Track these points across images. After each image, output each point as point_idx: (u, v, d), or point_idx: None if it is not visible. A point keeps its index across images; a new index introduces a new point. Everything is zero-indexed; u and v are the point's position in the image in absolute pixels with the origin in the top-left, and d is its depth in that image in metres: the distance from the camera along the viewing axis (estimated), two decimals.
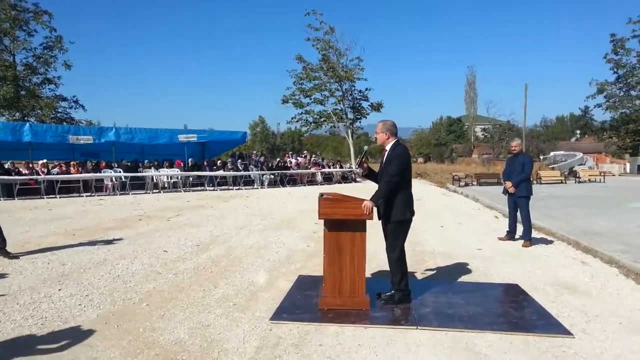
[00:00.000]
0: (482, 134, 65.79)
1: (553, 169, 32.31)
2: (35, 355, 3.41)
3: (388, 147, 4.52)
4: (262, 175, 22.59)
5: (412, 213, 4.48)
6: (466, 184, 22.89)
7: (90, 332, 3.86)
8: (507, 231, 8.11)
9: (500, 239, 8.12)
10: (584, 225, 9.19)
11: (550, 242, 7.99)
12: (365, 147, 5.05)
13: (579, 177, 26.97)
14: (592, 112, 68.78)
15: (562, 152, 43.54)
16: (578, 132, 74.66)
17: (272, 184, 22.66)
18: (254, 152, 32.19)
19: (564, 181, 25.84)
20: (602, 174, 27.96)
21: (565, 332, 3.83)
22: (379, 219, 4.57)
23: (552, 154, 43.79)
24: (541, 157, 44.35)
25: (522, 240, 7.72)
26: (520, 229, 7.97)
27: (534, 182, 24.98)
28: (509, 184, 7.84)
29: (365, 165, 4.67)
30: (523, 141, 39.77)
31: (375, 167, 4.86)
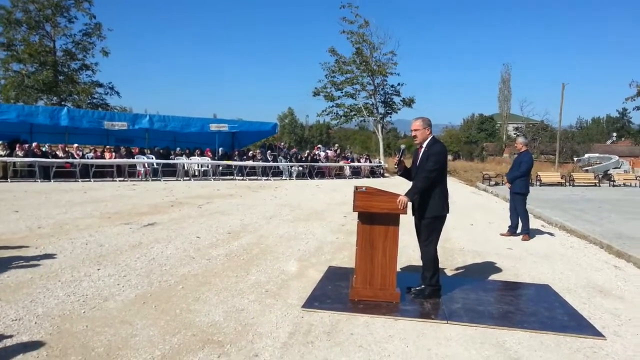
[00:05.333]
0: (515, 133, 64.67)
1: (587, 171, 31.62)
2: (78, 329, 3.59)
3: (425, 144, 4.56)
4: (291, 167, 22.76)
5: (448, 210, 4.52)
6: (496, 184, 22.60)
7: (129, 311, 4.03)
8: (509, 226, 8.42)
9: (502, 234, 8.37)
10: (617, 229, 9.03)
11: (582, 245, 7.89)
12: (403, 146, 5.09)
13: (614, 181, 26.36)
14: (630, 115, 66.94)
15: (596, 155, 42.57)
16: (614, 134, 72.67)
17: (300, 175, 22.82)
18: (282, 143, 32.37)
19: (597, 184, 25.30)
20: (637, 178, 27.25)
21: (597, 334, 3.82)
22: (413, 214, 4.62)
23: (586, 155, 42.86)
24: (575, 159, 43.40)
25: (522, 235, 8.12)
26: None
27: (567, 184, 24.54)
28: (506, 179, 8.48)
29: (403, 164, 4.72)
30: (558, 142, 39.11)
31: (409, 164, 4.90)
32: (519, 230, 8.27)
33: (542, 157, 46.54)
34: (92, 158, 18.21)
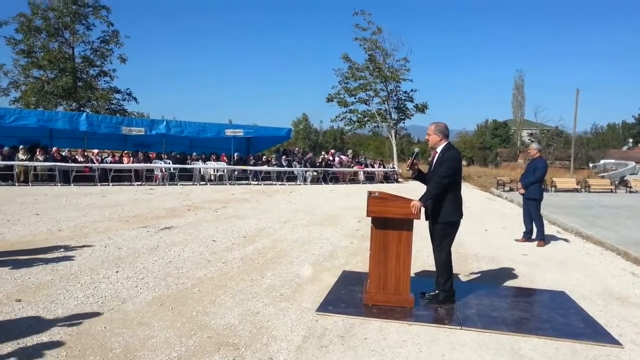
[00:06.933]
0: (529, 139, 64.06)
1: (603, 177, 31.17)
2: (97, 330, 3.64)
3: (439, 149, 4.56)
4: (305, 172, 22.80)
5: (461, 215, 4.50)
6: (511, 189, 22.38)
7: (147, 313, 4.07)
8: (524, 232, 8.36)
9: (517, 240, 8.31)
10: (634, 236, 8.88)
11: (599, 251, 7.79)
12: (416, 150, 5.10)
13: (630, 187, 25.93)
14: None
15: (612, 161, 41.91)
16: (631, 140, 71.52)
17: (315, 180, 22.84)
18: (296, 148, 32.44)
19: (614, 190, 24.92)
20: None
21: (614, 342, 3.77)
22: (426, 220, 4.62)
23: (602, 162, 42.25)
24: (590, 165, 42.85)
25: (537, 241, 8.03)
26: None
27: (583, 190, 24.22)
28: (520, 185, 8.35)
29: (416, 167, 4.71)
30: (572, 148, 38.66)
31: (424, 169, 4.91)
32: (533, 236, 8.19)
33: (557, 163, 45.98)
34: (110, 163, 18.43)
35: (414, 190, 6.45)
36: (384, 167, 27.90)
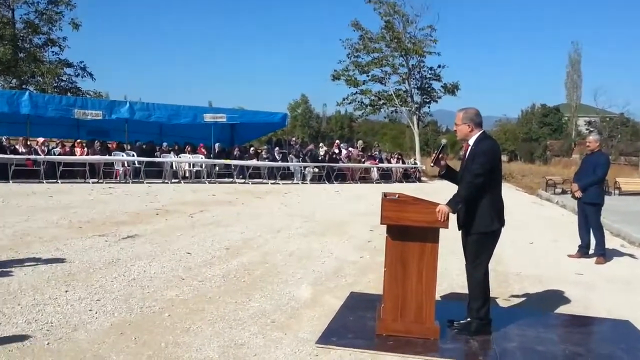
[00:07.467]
0: (586, 129, 64.10)
1: None
2: None
3: (471, 141, 4.55)
4: (304, 167, 22.83)
5: (502, 223, 4.49)
6: (563, 191, 22.41)
7: (103, 343, 4.07)
8: (579, 246, 8.33)
9: (570, 256, 8.32)
10: None
11: None
12: (443, 141, 5.12)
13: None
14: None
15: None
16: None
17: (316, 179, 22.88)
18: (294, 138, 32.47)
19: None
20: None
21: None
22: (459, 229, 4.61)
23: None
24: None
25: (596, 257, 8.06)
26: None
27: None
28: (575, 186, 8.23)
29: (442, 162, 4.71)
30: None
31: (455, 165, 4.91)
32: (591, 251, 8.19)
33: (621, 159, 45.99)
34: (59, 154, 18.45)
35: (441, 191, 6.47)
36: (403, 162, 27.94)
